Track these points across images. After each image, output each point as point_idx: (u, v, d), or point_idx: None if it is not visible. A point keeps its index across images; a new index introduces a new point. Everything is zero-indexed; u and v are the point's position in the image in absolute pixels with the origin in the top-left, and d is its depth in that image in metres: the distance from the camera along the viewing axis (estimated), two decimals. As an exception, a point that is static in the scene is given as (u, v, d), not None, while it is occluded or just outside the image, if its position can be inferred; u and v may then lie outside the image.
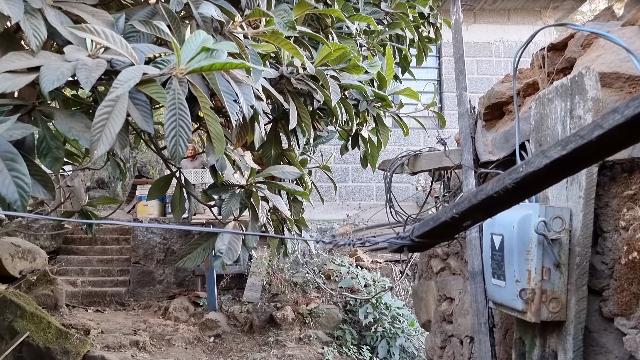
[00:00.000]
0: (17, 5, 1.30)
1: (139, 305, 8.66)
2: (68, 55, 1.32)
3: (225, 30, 1.83)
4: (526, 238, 2.01)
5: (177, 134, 1.36)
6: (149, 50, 1.50)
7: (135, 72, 1.26)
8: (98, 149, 1.21)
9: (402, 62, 3.95)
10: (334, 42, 2.50)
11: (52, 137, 1.48)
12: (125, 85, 1.20)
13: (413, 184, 9.65)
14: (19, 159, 1.29)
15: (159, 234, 9.01)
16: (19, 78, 1.25)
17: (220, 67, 1.36)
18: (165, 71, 1.38)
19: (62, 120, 1.43)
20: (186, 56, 1.36)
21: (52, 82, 1.21)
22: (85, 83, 1.22)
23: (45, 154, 1.47)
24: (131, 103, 1.34)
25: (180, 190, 2.45)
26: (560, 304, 2.00)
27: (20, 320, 6.07)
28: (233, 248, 2.02)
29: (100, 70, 1.30)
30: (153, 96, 1.32)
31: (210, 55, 1.36)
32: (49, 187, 1.43)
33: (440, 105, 10.12)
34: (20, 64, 1.28)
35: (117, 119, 1.22)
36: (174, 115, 1.35)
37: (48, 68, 1.23)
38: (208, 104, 1.48)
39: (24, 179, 1.27)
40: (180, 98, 1.37)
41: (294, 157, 2.58)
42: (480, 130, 2.86)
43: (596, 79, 1.98)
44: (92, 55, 1.38)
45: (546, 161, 1.28)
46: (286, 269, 8.00)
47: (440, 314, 3.30)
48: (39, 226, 9.20)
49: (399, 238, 1.76)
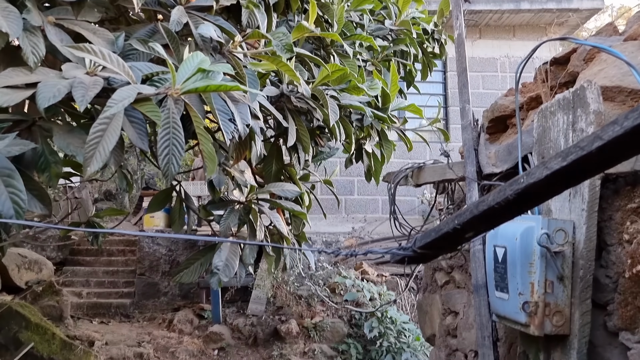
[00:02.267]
0: (16, 23, 1.32)
1: (143, 317, 8.65)
2: (66, 73, 1.33)
3: (224, 49, 1.85)
4: (529, 250, 2.00)
5: (170, 152, 1.37)
6: (147, 68, 1.51)
7: (130, 92, 1.28)
8: (91, 166, 1.22)
9: (407, 76, 3.97)
10: (333, 63, 2.52)
11: (51, 152, 1.50)
12: (119, 104, 1.22)
13: (418, 197, 9.63)
14: (15, 175, 1.30)
15: (165, 245, 9.02)
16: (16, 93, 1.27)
17: (214, 89, 1.38)
18: (161, 90, 1.40)
19: (60, 136, 1.44)
20: (182, 76, 1.38)
21: (48, 98, 1.22)
22: (80, 101, 1.24)
23: (43, 169, 1.48)
24: (127, 120, 1.35)
25: (180, 204, 2.46)
26: (564, 318, 1.98)
27: (25, 331, 6.07)
28: (230, 264, 2.02)
29: (96, 88, 1.31)
30: (148, 115, 1.33)
31: (206, 76, 1.38)
32: (45, 201, 1.44)
33: (446, 118, 10.12)
34: (18, 79, 1.30)
35: (111, 136, 1.24)
36: (168, 134, 1.37)
37: (45, 85, 1.25)
38: (202, 124, 1.49)
39: (20, 195, 1.29)
40: (175, 117, 1.39)
41: (294, 173, 2.59)
42: (483, 143, 2.86)
43: (598, 92, 1.98)
44: (90, 72, 1.40)
45: (547, 172, 1.28)
46: (291, 282, 7.98)
47: (444, 327, 3.28)
48: (45, 237, 9.23)
49: (401, 249, 1.75)
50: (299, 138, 2.26)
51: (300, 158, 2.42)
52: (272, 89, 2.23)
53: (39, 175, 1.49)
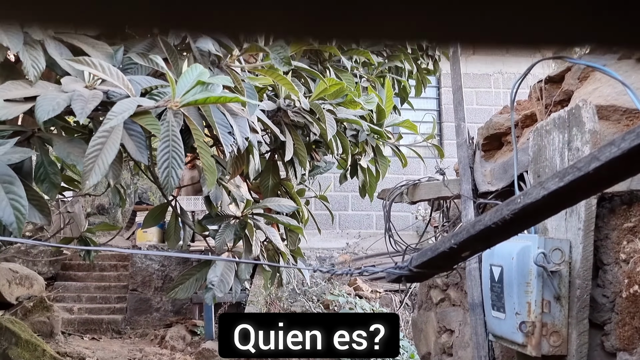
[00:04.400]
0: (17, 36, 1.32)
1: (135, 333, 8.55)
2: (65, 86, 1.33)
3: (222, 63, 1.85)
4: (525, 270, 1.99)
5: (170, 165, 1.36)
6: (146, 82, 1.51)
7: (130, 105, 1.27)
8: (90, 179, 1.21)
9: (401, 92, 3.99)
10: (330, 77, 2.53)
11: (50, 163, 1.49)
12: (119, 117, 1.21)
13: (413, 213, 9.62)
14: (17, 182, 1.29)
15: (158, 260, 8.95)
16: (15, 107, 1.26)
17: (214, 100, 1.37)
18: (160, 103, 1.39)
19: (60, 145, 1.44)
20: (182, 89, 1.38)
21: (47, 112, 1.21)
22: (80, 114, 1.23)
23: (42, 180, 1.48)
24: (126, 133, 1.35)
25: (175, 219, 2.44)
26: (561, 338, 1.97)
27: (15, 347, 5.98)
28: (225, 280, 2.00)
29: (95, 101, 1.31)
30: (147, 128, 1.32)
31: (206, 88, 1.38)
32: (45, 212, 1.43)
33: (440, 134, 10.15)
34: (17, 93, 1.29)
35: (110, 149, 1.23)
36: (167, 147, 1.36)
37: (44, 98, 1.24)
38: (202, 137, 1.49)
39: (21, 201, 1.28)
40: (174, 130, 1.38)
41: (291, 187, 2.58)
42: (479, 161, 2.87)
43: (593, 111, 1.99)
44: (89, 86, 1.39)
45: (544, 192, 1.27)
46: (284, 298, 7.92)
47: (440, 346, 3.25)
48: (37, 252, 9.14)
49: (397, 268, 1.75)
50: (296, 152, 2.26)
51: (297, 172, 2.41)
52: (269, 104, 2.23)
53: (37, 185, 1.48)
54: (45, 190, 1.51)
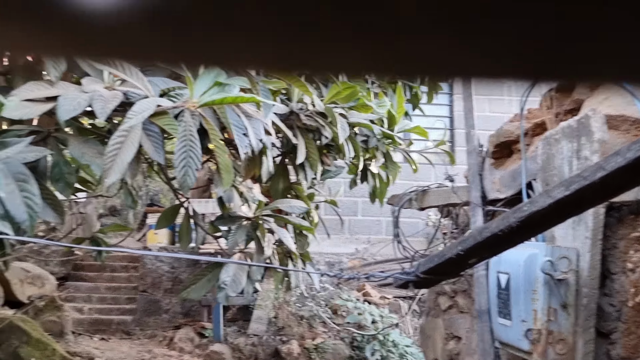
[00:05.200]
0: (39, 38, 1.35)
1: (144, 334, 8.59)
2: (85, 87, 1.36)
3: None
4: (532, 277, 2.00)
5: (187, 165, 1.39)
6: (164, 83, 1.54)
7: (150, 104, 1.30)
8: (110, 177, 1.24)
9: (412, 99, 3.99)
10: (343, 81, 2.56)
11: (65, 163, 1.52)
12: (139, 116, 1.24)
13: (423, 219, 9.58)
14: (31, 180, 1.32)
15: (168, 262, 8.99)
16: (36, 106, 1.30)
17: (231, 101, 1.40)
18: (178, 104, 1.43)
19: (76, 146, 1.47)
20: (199, 90, 1.41)
21: (68, 111, 1.25)
22: (100, 114, 1.26)
23: (57, 179, 1.51)
24: (144, 134, 1.38)
25: (187, 221, 2.48)
26: (568, 346, 1.97)
27: (26, 346, 6.04)
28: (237, 280, 2.03)
29: (115, 101, 1.34)
30: (165, 128, 1.36)
31: (223, 89, 1.41)
32: (59, 211, 1.47)
33: (452, 141, 10.13)
34: (39, 93, 1.33)
35: (129, 148, 1.26)
36: (185, 147, 1.39)
37: (65, 98, 1.28)
38: (218, 137, 1.51)
39: (34, 199, 1.31)
40: (192, 130, 1.41)
41: (301, 191, 2.61)
42: (488, 168, 2.88)
43: (602, 121, 2.00)
44: (109, 87, 1.43)
45: (550, 201, 1.29)
46: (293, 302, 7.93)
47: (447, 352, 3.26)
48: (49, 252, 9.22)
49: (405, 273, 1.77)
50: (308, 156, 2.28)
51: (308, 176, 2.44)
52: (282, 107, 2.26)
53: (52, 184, 1.51)
54: (60, 189, 1.54)
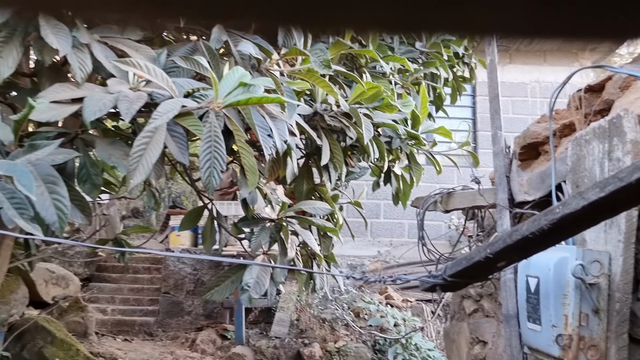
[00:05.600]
0: (66, 39, 1.36)
1: (166, 335, 8.65)
2: (110, 88, 1.36)
3: (262, 67, 1.88)
4: (563, 282, 1.95)
5: (212, 166, 1.38)
6: (188, 84, 1.54)
7: (175, 105, 1.30)
8: (135, 178, 1.23)
9: (436, 100, 3.96)
10: (367, 81, 2.53)
11: (92, 164, 1.53)
12: (164, 116, 1.23)
13: (446, 222, 9.50)
14: (60, 182, 1.33)
15: (190, 264, 9.05)
16: (63, 108, 1.30)
17: (256, 101, 1.39)
18: (203, 105, 1.42)
19: (102, 147, 1.48)
20: (224, 90, 1.40)
21: (94, 112, 1.25)
22: (125, 114, 1.26)
23: (84, 180, 1.52)
24: (168, 135, 1.37)
25: (211, 222, 2.47)
26: (599, 353, 1.92)
27: (50, 346, 6.12)
28: (261, 282, 2.01)
29: (140, 102, 1.33)
30: (190, 128, 1.35)
31: (247, 90, 1.39)
32: (86, 212, 1.47)
33: (475, 144, 10.02)
34: (65, 94, 1.33)
35: (154, 149, 1.25)
36: (210, 147, 1.38)
37: (91, 99, 1.28)
38: (243, 137, 1.50)
39: (63, 201, 1.31)
40: (217, 131, 1.40)
41: (325, 192, 2.59)
42: (515, 170, 2.83)
43: (635, 121, 1.94)
44: (134, 88, 1.43)
45: (583, 203, 1.25)
46: (315, 304, 7.91)
47: (472, 357, 3.21)
48: (73, 253, 9.35)
49: (431, 277, 1.73)
50: (332, 157, 2.27)
51: (332, 177, 2.42)
52: (306, 108, 2.25)
53: (80, 186, 1.52)
54: (87, 190, 1.55)
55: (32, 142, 1.37)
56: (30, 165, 1.30)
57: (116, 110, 1.39)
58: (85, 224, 1.47)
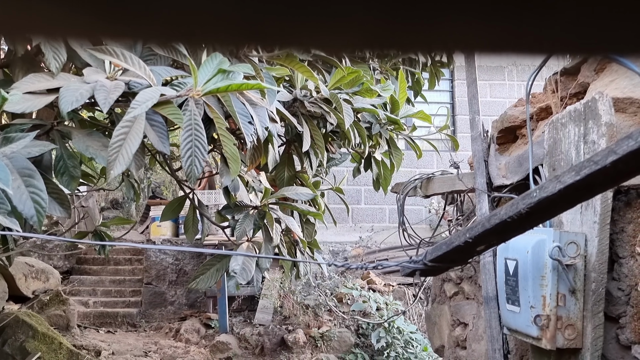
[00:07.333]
0: (38, 29, 1.33)
1: (150, 326, 8.63)
2: (87, 77, 1.34)
3: (240, 53, 1.86)
4: (540, 263, 1.99)
5: (193, 154, 1.37)
6: (166, 72, 1.52)
7: (153, 93, 1.28)
8: (115, 169, 1.22)
9: (414, 85, 3.97)
10: (347, 66, 2.52)
11: (69, 156, 1.51)
12: (143, 105, 1.22)
13: (426, 206, 9.59)
14: (36, 175, 1.31)
15: (172, 254, 9.02)
16: (38, 99, 1.28)
17: (236, 88, 1.38)
18: (182, 93, 1.40)
19: (79, 139, 1.46)
20: (203, 78, 1.38)
21: (71, 102, 1.23)
22: (103, 104, 1.24)
23: (62, 173, 1.49)
24: (148, 124, 1.36)
25: (193, 212, 2.46)
26: (576, 331, 1.96)
27: (32, 340, 6.06)
28: (247, 268, 2.01)
29: (118, 91, 1.32)
30: (170, 117, 1.33)
31: (227, 77, 1.38)
32: (65, 205, 1.45)
33: (454, 128, 10.11)
34: (40, 85, 1.30)
35: (133, 139, 1.24)
36: (190, 136, 1.37)
37: (67, 89, 1.25)
38: (224, 125, 1.49)
39: (41, 194, 1.29)
40: (197, 119, 1.39)
41: (307, 179, 2.59)
42: (493, 154, 2.86)
43: (610, 104, 1.97)
44: (111, 77, 1.41)
45: (560, 186, 1.27)
46: (298, 291, 7.95)
47: (453, 339, 3.26)
48: (53, 246, 9.24)
49: (412, 262, 1.75)
50: (313, 143, 2.26)
51: (313, 164, 2.41)
52: (286, 94, 2.24)
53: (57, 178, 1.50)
54: (65, 183, 1.52)
55: (7, 134, 1.35)
56: (5, 158, 1.27)
57: (92, 100, 1.37)
58: (64, 217, 1.45)
